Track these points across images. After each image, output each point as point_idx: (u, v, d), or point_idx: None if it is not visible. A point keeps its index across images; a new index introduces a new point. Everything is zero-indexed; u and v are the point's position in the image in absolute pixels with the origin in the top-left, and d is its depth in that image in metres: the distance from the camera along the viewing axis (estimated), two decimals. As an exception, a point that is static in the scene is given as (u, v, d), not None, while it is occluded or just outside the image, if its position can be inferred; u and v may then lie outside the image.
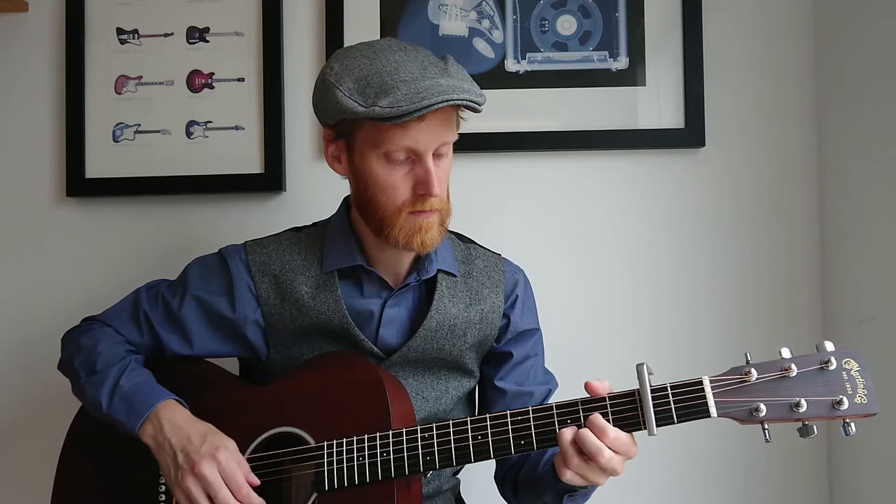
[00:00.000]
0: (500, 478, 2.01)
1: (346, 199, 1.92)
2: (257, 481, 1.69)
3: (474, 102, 1.68)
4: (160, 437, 1.71)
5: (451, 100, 1.64)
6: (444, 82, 1.66)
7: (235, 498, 1.65)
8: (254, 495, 1.67)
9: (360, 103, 1.65)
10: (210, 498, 1.65)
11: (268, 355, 1.88)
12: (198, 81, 2.38)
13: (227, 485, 1.65)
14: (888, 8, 2.06)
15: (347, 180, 1.85)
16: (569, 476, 1.59)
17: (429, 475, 1.79)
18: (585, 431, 1.57)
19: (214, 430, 1.72)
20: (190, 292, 1.88)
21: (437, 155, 1.74)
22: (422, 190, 1.71)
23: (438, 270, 1.86)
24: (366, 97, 1.65)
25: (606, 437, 1.56)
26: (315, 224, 1.96)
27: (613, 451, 1.56)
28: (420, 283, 1.88)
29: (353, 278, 1.86)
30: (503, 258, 1.99)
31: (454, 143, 1.79)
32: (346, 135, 1.76)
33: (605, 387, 1.62)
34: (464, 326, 1.87)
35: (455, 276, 1.89)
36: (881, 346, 2.02)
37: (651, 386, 1.57)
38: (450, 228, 1.87)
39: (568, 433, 1.59)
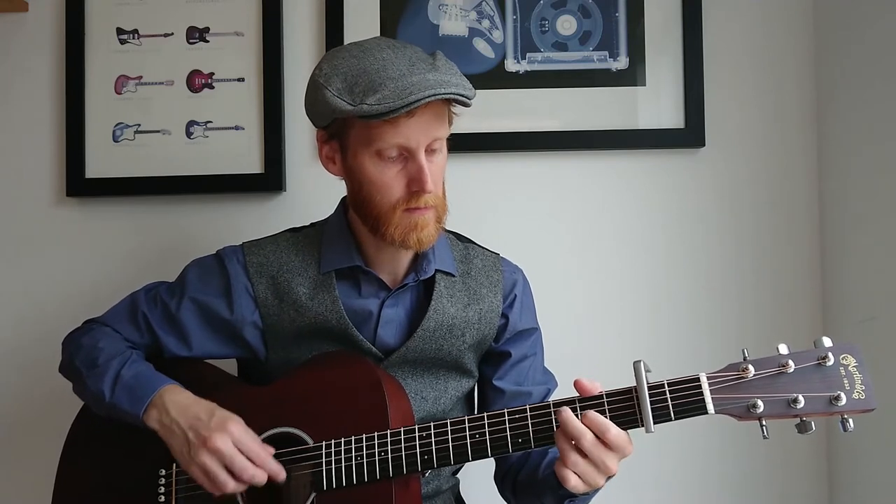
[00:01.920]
0: (499, 478, 2.00)
1: (344, 199, 1.92)
2: (272, 449, 1.69)
3: (463, 96, 1.68)
4: (166, 419, 1.71)
5: (437, 94, 1.63)
6: (431, 77, 1.65)
7: (254, 463, 1.66)
8: (271, 459, 1.68)
9: (349, 102, 1.65)
10: (227, 469, 1.66)
11: (266, 356, 1.88)
12: (198, 81, 2.38)
13: (242, 453, 1.66)
14: (888, 8, 2.06)
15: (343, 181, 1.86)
16: (573, 482, 1.58)
17: (427, 474, 1.79)
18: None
19: (219, 406, 1.73)
20: (188, 294, 1.88)
21: (429, 151, 1.73)
22: (415, 187, 1.71)
23: (436, 270, 1.86)
24: (353, 95, 1.65)
25: (609, 432, 1.56)
26: (313, 224, 1.96)
27: (607, 445, 1.56)
28: (418, 284, 1.87)
29: (351, 279, 1.85)
30: (501, 258, 1.99)
31: (451, 142, 1.79)
32: (338, 135, 1.77)
33: (595, 387, 1.62)
34: (462, 326, 1.87)
35: (453, 275, 1.89)
36: (881, 346, 2.01)
37: (648, 383, 1.57)
38: (448, 228, 1.87)
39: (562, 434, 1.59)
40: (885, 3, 2.08)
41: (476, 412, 2.02)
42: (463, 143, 2.22)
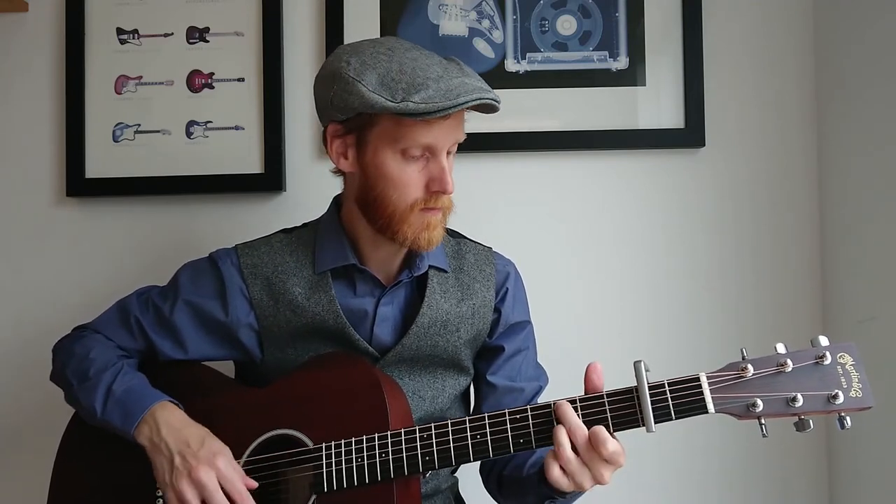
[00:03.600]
0: (485, 472, 2.01)
1: (336, 198, 1.92)
2: (255, 484, 1.69)
3: (497, 102, 1.70)
4: (156, 438, 1.70)
5: (482, 98, 1.66)
6: (468, 82, 1.67)
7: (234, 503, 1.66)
8: (252, 502, 1.67)
9: (388, 98, 1.64)
10: (204, 503, 1.66)
11: (262, 358, 1.88)
12: (198, 81, 2.38)
13: (226, 491, 1.65)
14: (888, 8, 2.06)
15: (341, 179, 1.86)
16: (556, 474, 1.58)
17: (427, 475, 1.79)
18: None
19: (211, 434, 1.72)
20: (181, 297, 1.87)
21: (447, 153, 1.75)
22: (437, 187, 1.72)
23: (430, 267, 1.86)
24: (393, 92, 1.64)
25: (605, 448, 1.56)
26: (305, 225, 1.96)
27: (601, 457, 1.56)
28: (412, 281, 1.87)
29: (346, 278, 1.85)
30: (494, 251, 1.99)
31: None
32: (358, 130, 1.75)
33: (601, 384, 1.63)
34: (456, 322, 1.87)
35: (446, 271, 1.89)
36: (880, 346, 2.01)
37: (649, 383, 1.57)
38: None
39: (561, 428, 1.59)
40: (885, 3, 2.07)
41: (471, 406, 2.03)
42: (463, 143, 2.20)
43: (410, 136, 1.69)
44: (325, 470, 1.68)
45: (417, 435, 1.67)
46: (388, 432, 1.67)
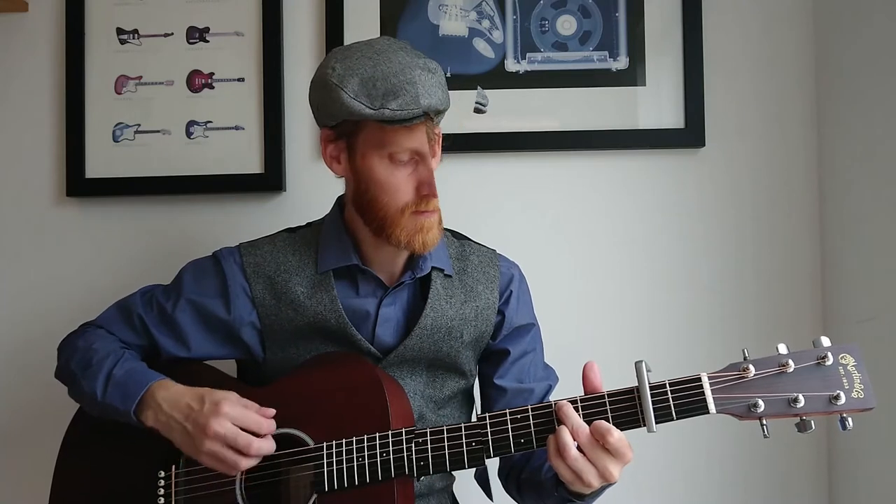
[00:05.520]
0: (503, 475, 2.00)
1: (339, 198, 1.92)
2: (272, 411, 1.70)
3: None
4: (162, 416, 1.71)
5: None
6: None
7: (259, 436, 1.67)
8: (273, 425, 1.69)
9: (368, 105, 1.65)
10: (233, 448, 1.66)
11: (264, 357, 1.88)
12: (198, 81, 2.38)
13: (244, 429, 1.66)
14: (887, 7, 2.06)
15: (343, 180, 1.86)
16: (564, 474, 1.57)
17: (422, 478, 1.79)
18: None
19: (208, 389, 1.72)
20: (184, 296, 1.87)
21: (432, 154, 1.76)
22: (426, 190, 1.72)
23: (433, 268, 1.86)
24: (373, 99, 1.65)
25: (611, 436, 1.55)
26: (309, 224, 1.96)
27: (606, 449, 1.56)
28: (415, 282, 1.87)
29: (349, 278, 1.85)
30: (498, 254, 1.99)
31: (452, 142, 1.80)
32: (347, 135, 1.76)
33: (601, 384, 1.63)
34: (459, 324, 1.87)
35: (450, 273, 1.89)
36: (881, 346, 2.01)
37: (650, 383, 1.57)
38: (445, 226, 1.87)
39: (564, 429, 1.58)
40: (885, 3, 2.07)
41: (480, 412, 2.03)
42: (463, 143, 2.22)
43: (395, 141, 1.70)
44: (325, 469, 1.68)
45: (416, 434, 1.66)
46: (389, 432, 1.67)
